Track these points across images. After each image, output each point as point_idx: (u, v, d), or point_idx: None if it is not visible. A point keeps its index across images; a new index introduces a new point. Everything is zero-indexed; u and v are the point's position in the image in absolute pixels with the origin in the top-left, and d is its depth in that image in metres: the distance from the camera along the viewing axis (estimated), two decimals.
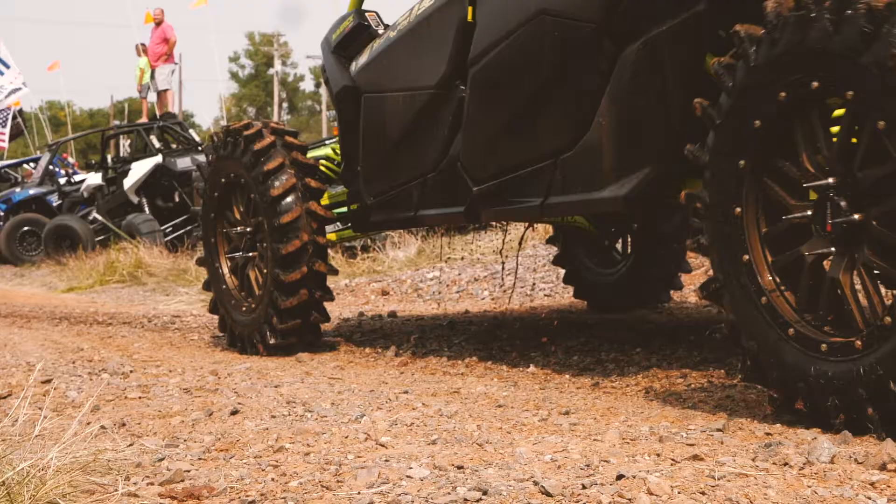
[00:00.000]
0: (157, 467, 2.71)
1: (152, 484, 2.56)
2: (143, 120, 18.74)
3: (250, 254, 5.51)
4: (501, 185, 4.33)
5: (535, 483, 2.30)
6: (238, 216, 5.57)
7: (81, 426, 3.08)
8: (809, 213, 2.95)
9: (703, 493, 2.20)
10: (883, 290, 2.88)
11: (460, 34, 4.53)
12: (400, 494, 2.31)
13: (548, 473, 2.40)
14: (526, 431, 2.99)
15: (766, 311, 3.03)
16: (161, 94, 18.97)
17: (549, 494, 2.23)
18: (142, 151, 16.68)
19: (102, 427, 3.27)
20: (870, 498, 2.17)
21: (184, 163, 15.66)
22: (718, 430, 2.85)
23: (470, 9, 4.49)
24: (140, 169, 16.04)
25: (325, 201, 5.35)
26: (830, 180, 2.89)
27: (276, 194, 5.16)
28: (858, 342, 2.76)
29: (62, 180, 18.91)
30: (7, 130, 25.58)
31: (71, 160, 24.40)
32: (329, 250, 5.58)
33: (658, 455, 2.55)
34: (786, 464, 2.42)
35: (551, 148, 4.07)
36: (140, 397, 3.95)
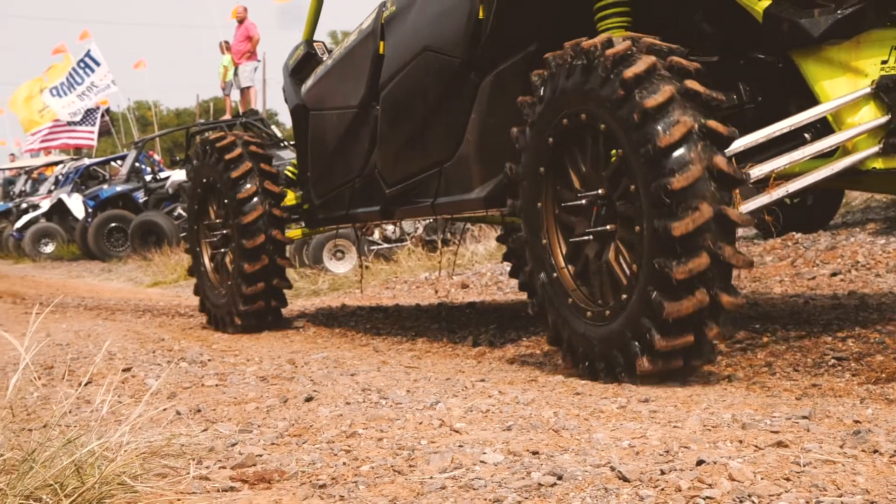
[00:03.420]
0: (230, 452, 2.69)
1: (224, 468, 2.54)
2: (227, 117, 18.93)
3: (223, 249, 6.43)
4: (406, 188, 5.27)
5: (612, 468, 2.23)
6: (213, 214, 6.55)
7: (149, 407, 3.09)
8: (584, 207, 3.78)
9: (787, 480, 2.11)
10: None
11: (374, 63, 5.51)
12: (473, 479, 2.26)
13: (625, 459, 2.33)
14: (604, 418, 2.92)
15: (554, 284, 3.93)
16: (244, 92, 19.14)
17: (626, 480, 2.16)
18: None
19: (178, 413, 3.28)
20: None
21: None
22: (804, 417, 2.74)
23: (381, 43, 5.46)
24: None
25: (291, 201, 6.34)
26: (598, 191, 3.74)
27: (241, 197, 6.11)
28: (608, 312, 3.64)
29: (148, 177, 19.20)
30: (96, 129, 26.05)
31: (157, 157, 24.76)
32: (409, 245, 6.30)
33: (740, 442, 2.46)
34: (875, 451, 2.32)
35: (438, 158, 4.99)
36: (217, 385, 3.95)
